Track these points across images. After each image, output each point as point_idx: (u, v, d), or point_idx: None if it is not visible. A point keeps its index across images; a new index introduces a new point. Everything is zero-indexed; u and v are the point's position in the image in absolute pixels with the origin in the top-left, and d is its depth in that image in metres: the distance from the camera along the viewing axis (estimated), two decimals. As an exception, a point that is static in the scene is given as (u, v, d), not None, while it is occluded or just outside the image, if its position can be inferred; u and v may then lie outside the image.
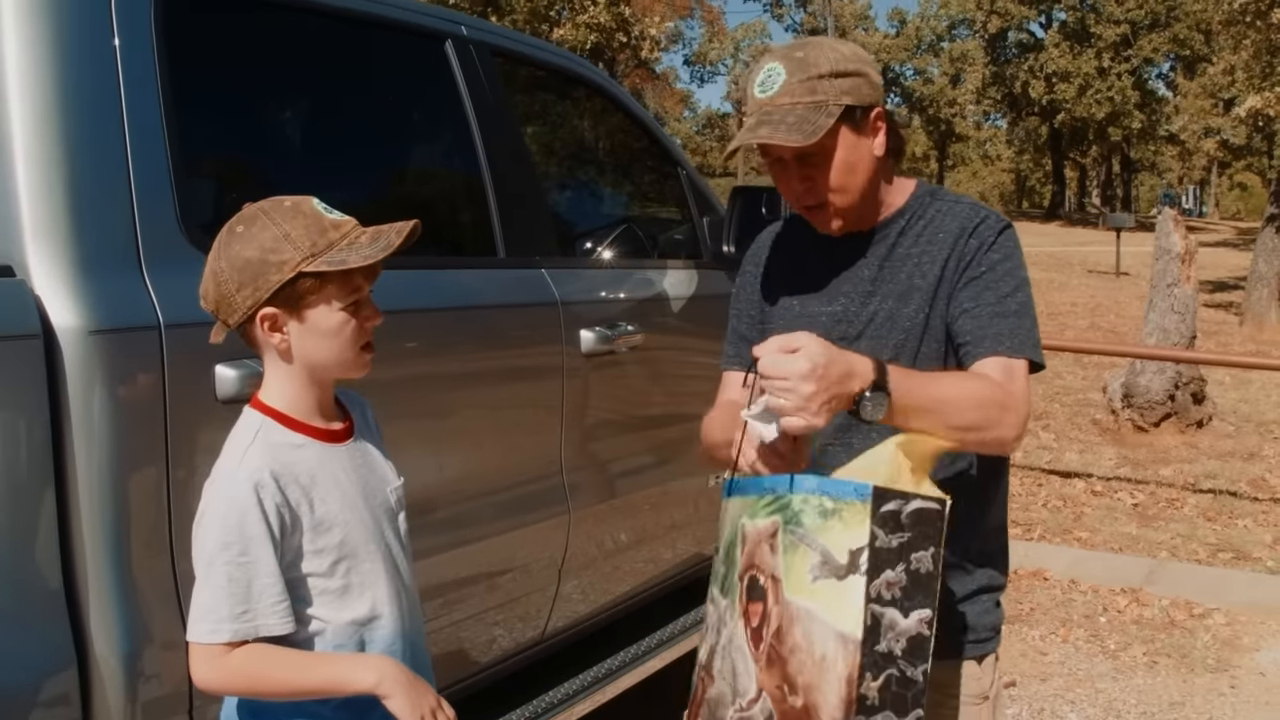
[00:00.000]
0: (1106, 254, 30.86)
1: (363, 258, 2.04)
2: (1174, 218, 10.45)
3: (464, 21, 3.78)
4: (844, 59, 2.29)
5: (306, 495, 2.08)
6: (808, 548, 1.92)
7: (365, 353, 2.15)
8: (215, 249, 2.06)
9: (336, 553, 2.11)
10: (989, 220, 2.37)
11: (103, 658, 2.37)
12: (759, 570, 1.99)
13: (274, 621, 2.02)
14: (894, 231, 2.41)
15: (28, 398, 2.26)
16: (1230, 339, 17.87)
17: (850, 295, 2.40)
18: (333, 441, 2.18)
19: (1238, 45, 27.84)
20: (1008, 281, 2.32)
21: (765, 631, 1.96)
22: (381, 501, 2.23)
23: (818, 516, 1.93)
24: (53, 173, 2.40)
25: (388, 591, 2.18)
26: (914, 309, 2.34)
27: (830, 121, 2.23)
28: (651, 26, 22.99)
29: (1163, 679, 5.33)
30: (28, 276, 2.33)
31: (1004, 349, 2.25)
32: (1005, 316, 2.28)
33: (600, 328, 3.85)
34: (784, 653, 1.92)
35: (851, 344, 2.29)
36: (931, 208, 2.42)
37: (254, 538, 2.00)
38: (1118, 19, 58.52)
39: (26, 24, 2.44)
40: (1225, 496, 8.44)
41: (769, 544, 1.98)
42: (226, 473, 2.06)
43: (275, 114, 3.31)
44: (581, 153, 5.46)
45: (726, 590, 2.07)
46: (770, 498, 2.01)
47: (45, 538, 2.31)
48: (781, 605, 1.93)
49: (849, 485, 1.93)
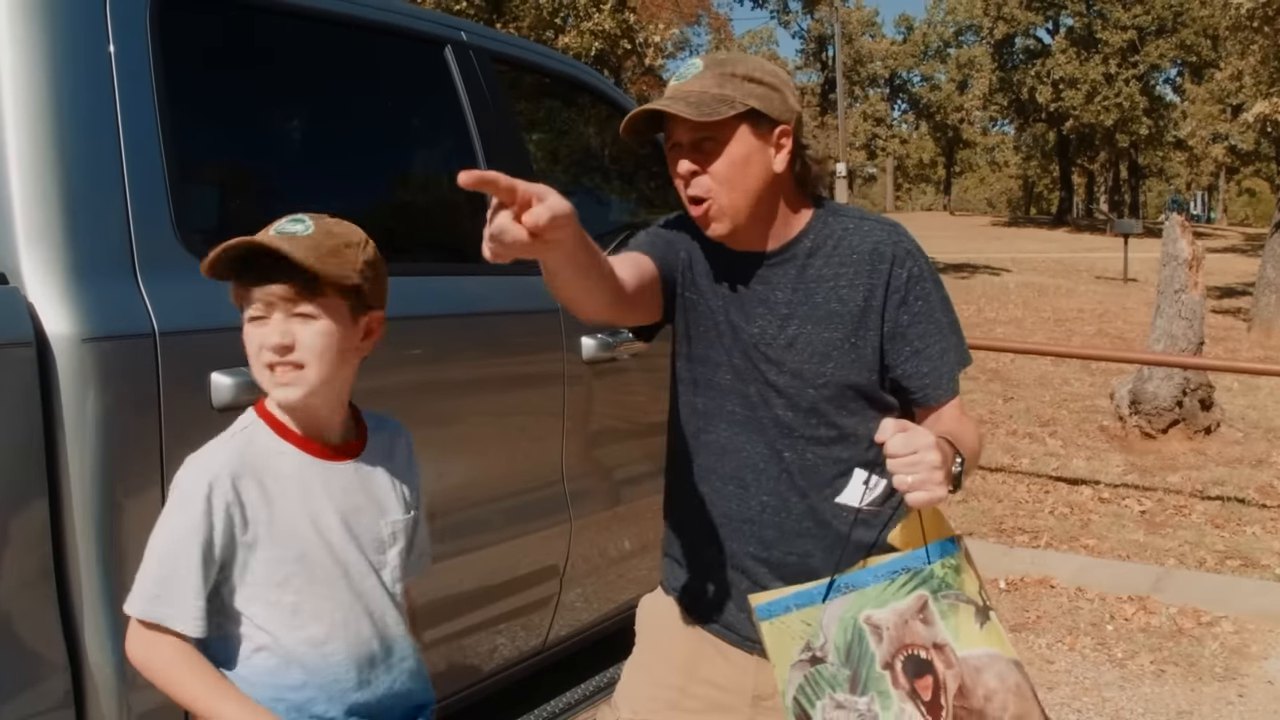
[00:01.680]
0: (1114, 260, 30.83)
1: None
2: (1181, 223, 10.41)
3: (464, 27, 3.77)
4: (764, 70, 2.35)
5: (268, 502, 2.05)
6: (964, 604, 2.11)
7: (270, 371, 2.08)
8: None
9: (291, 567, 2.07)
10: (904, 244, 2.41)
11: (96, 665, 2.36)
12: (914, 648, 2.10)
13: (180, 617, 1.99)
14: (801, 252, 2.42)
15: (21, 406, 2.25)
16: (1238, 345, 17.81)
17: (766, 317, 2.42)
18: (322, 457, 2.14)
19: (1245, 50, 27.81)
20: (941, 308, 2.43)
21: (943, 698, 2.07)
22: (365, 529, 2.18)
23: (955, 574, 2.13)
24: (47, 179, 2.39)
25: (344, 619, 2.13)
26: (839, 336, 2.38)
27: (730, 112, 2.25)
28: (656, 33, 23.00)
29: (1170, 687, 5.29)
30: (21, 283, 2.32)
31: (956, 387, 2.43)
32: (950, 350, 2.42)
33: (601, 334, 3.83)
34: (977, 704, 2.06)
35: (778, 368, 2.39)
36: (835, 225, 2.44)
37: (190, 527, 1.99)
38: (1125, 25, 58.45)
39: (21, 29, 2.43)
40: (1233, 503, 8.40)
41: (919, 619, 2.10)
42: (192, 461, 2.05)
43: (272, 120, 3.29)
44: (583, 159, 5.44)
45: (864, 687, 2.10)
46: (903, 578, 2.13)
47: (38, 546, 2.30)
48: (958, 666, 2.08)
49: (950, 542, 2.16)
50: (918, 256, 2.40)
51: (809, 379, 2.36)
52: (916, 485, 1.99)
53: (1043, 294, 24.89)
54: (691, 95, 2.28)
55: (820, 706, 2.12)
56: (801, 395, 2.38)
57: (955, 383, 2.42)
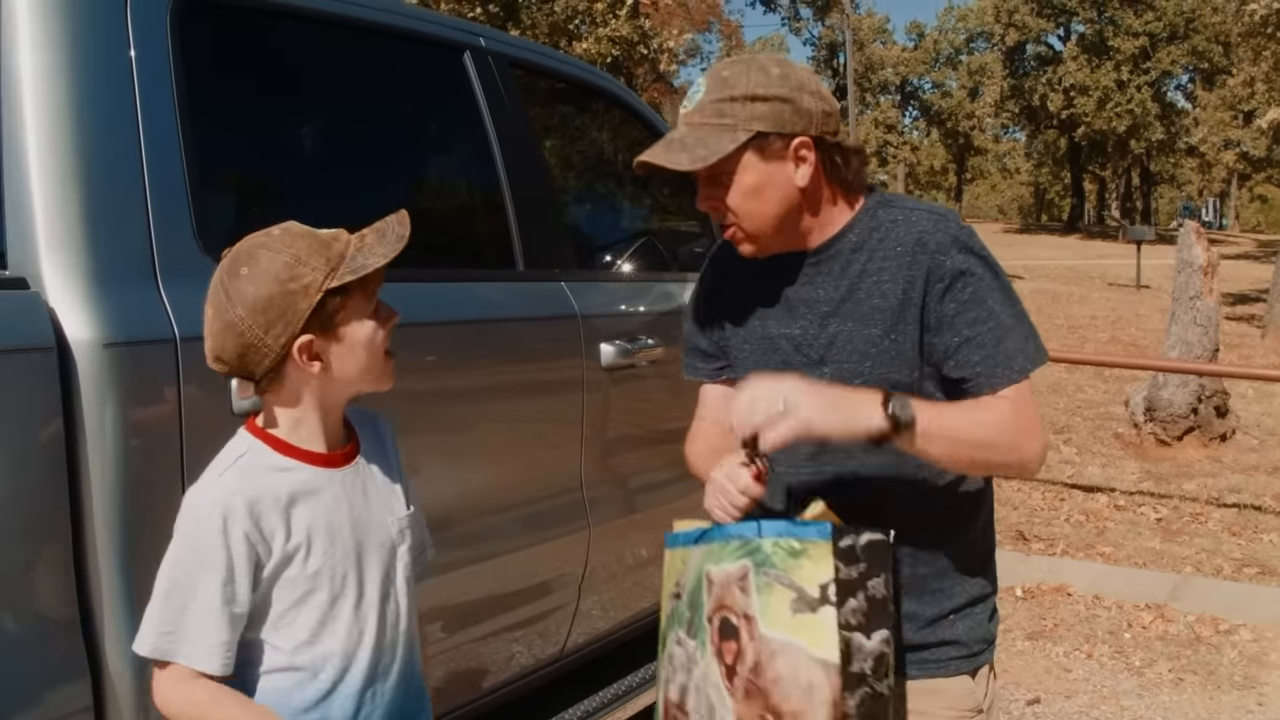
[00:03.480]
0: (1126, 267, 30.81)
1: (381, 257, 2.00)
2: (1196, 229, 10.39)
3: (482, 33, 3.76)
4: (768, 83, 2.22)
5: (284, 521, 2.01)
6: (782, 586, 2.08)
7: (389, 359, 2.11)
8: (219, 304, 1.97)
9: (310, 583, 2.04)
10: (951, 230, 2.27)
11: (116, 672, 2.34)
12: (729, 610, 2.14)
13: (202, 655, 1.96)
14: (846, 248, 2.33)
15: (41, 411, 2.24)
16: (1253, 351, 17.78)
17: (809, 317, 2.36)
18: (329, 465, 2.11)
19: (1257, 57, 27.79)
20: (997, 294, 2.26)
21: (740, 667, 2.10)
22: (376, 533, 2.16)
23: (789, 556, 2.09)
24: (68, 184, 2.38)
25: (364, 627, 2.11)
26: (879, 332, 2.28)
27: (731, 146, 2.19)
28: (670, 39, 22.99)
29: (1189, 696, 5.27)
30: (42, 289, 2.31)
31: (1015, 373, 2.23)
32: (1007, 338, 2.23)
33: (620, 341, 3.81)
34: (764, 685, 2.06)
35: (815, 369, 2.31)
36: (884, 217, 2.33)
37: (205, 564, 1.95)
38: (1136, 31, 58.41)
39: (42, 35, 2.42)
40: (1250, 511, 8.37)
41: (739, 586, 2.13)
42: (198, 493, 2.01)
43: (292, 125, 3.29)
44: (601, 165, 5.43)
45: (695, 632, 2.20)
46: (737, 543, 2.15)
47: (58, 551, 2.29)
48: (758, 641, 2.08)
49: (811, 526, 2.10)
50: (966, 243, 2.25)
51: (848, 378, 2.27)
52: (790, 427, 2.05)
53: (1055, 301, 24.87)
54: (690, 133, 2.23)
55: (670, 639, 2.28)
56: None
57: (1012, 370, 2.22)
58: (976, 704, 2.42)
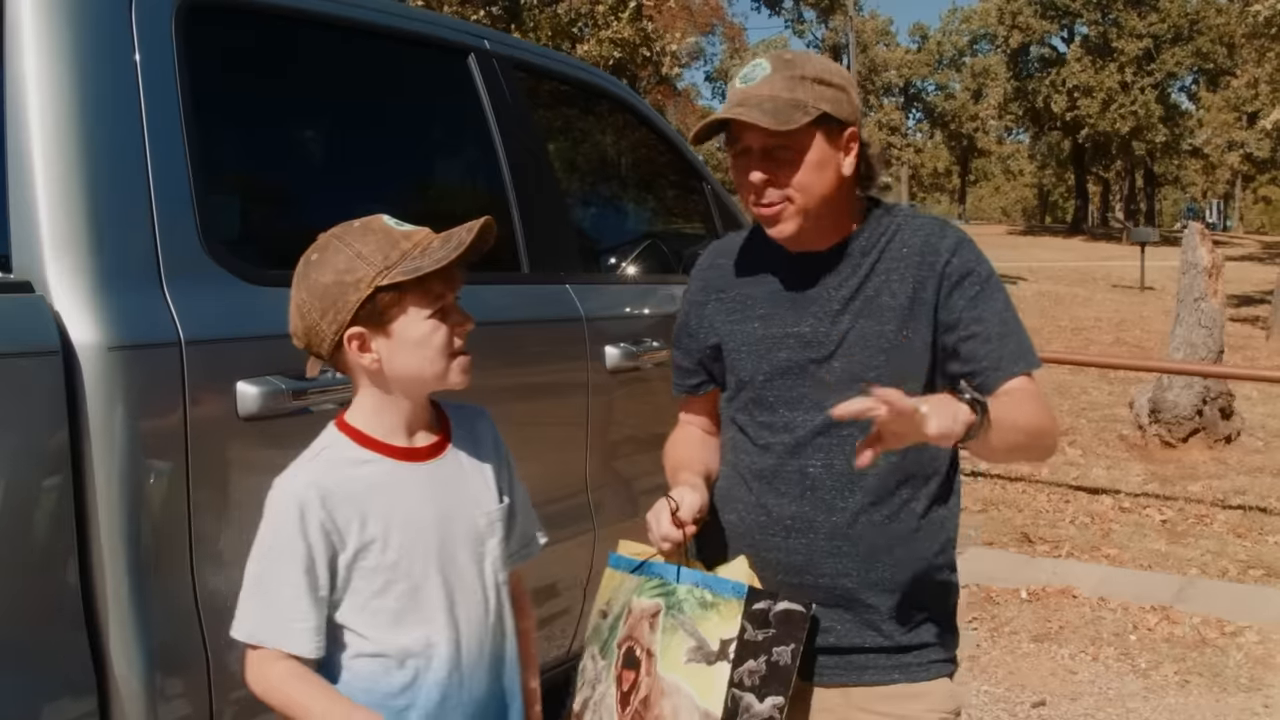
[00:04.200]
0: (1130, 269, 30.76)
1: (435, 261, 2.04)
2: (1200, 231, 10.38)
3: (487, 35, 3.76)
4: (830, 70, 2.31)
5: (360, 514, 2.06)
6: (685, 633, 2.18)
7: (458, 361, 2.14)
8: (295, 283, 2.07)
9: (389, 574, 2.08)
10: (952, 235, 2.39)
11: (122, 679, 2.34)
12: (636, 643, 2.24)
13: (294, 639, 2.01)
14: (856, 250, 2.39)
15: (46, 415, 2.24)
16: (1257, 353, 17.75)
17: (818, 315, 2.38)
18: (411, 459, 2.15)
19: (1261, 58, 27.81)
20: (999, 298, 2.36)
21: (634, 698, 2.21)
22: (462, 524, 2.18)
23: (698, 607, 2.19)
24: (73, 188, 2.38)
25: (447, 618, 2.13)
26: (891, 329, 2.33)
27: (805, 119, 2.23)
28: (673, 42, 22.97)
29: (1195, 698, 5.26)
30: (47, 292, 2.31)
31: (1021, 368, 2.31)
32: (1010, 335, 2.32)
33: (625, 344, 3.81)
34: (648, 718, 2.17)
35: (823, 365, 2.35)
36: (889, 222, 2.42)
37: (288, 552, 2.01)
38: (1140, 33, 58.36)
39: (47, 38, 2.42)
40: (1255, 512, 8.35)
41: (649, 622, 2.24)
42: (279, 484, 2.07)
43: (297, 128, 3.28)
44: (605, 167, 5.43)
45: (606, 652, 2.32)
46: (657, 582, 2.28)
47: (64, 557, 2.28)
48: (653, 678, 2.18)
49: (728, 583, 2.19)
50: (969, 248, 2.37)
51: (859, 373, 2.30)
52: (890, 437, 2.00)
53: (1059, 303, 24.84)
54: (765, 102, 2.24)
55: (587, 652, 2.39)
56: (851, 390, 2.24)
57: (1020, 363, 2.31)
58: (957, 705, 2.46)
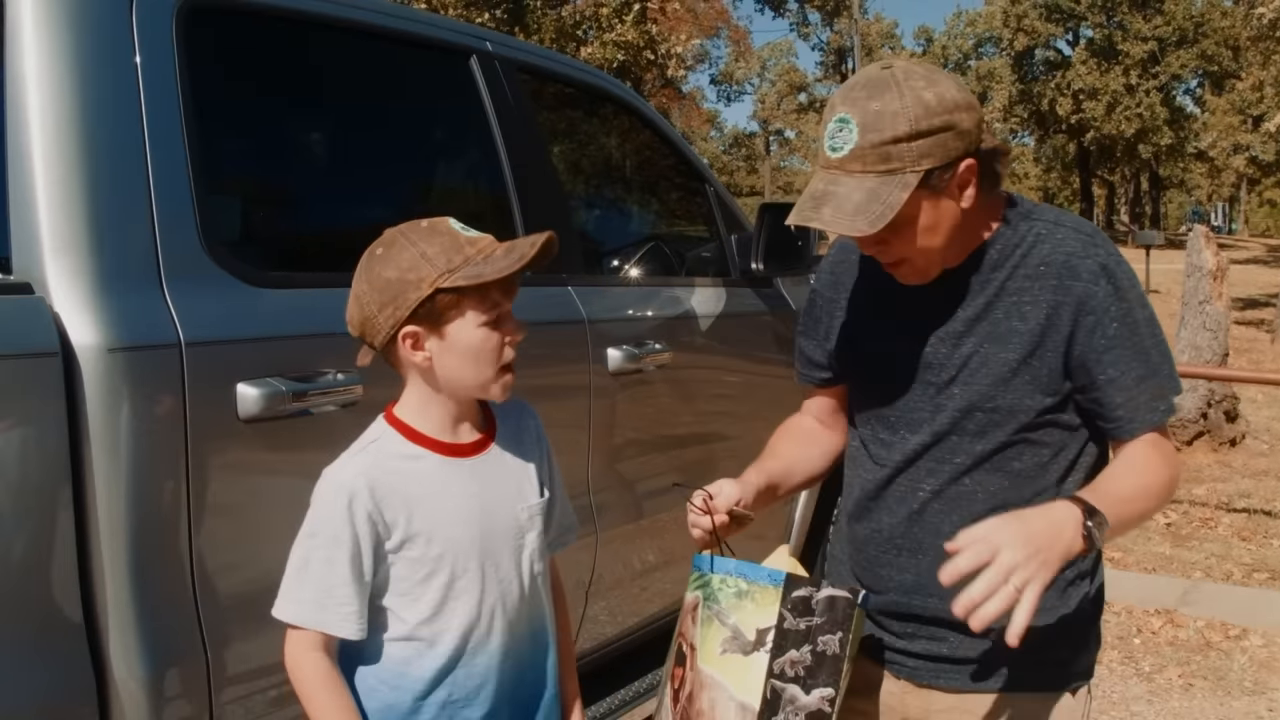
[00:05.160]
0: (1136, 272, 30.72)
1: (497, 270, 2.07)
2: (1205, 234, 10.37)
3: (489, 37, 3.76)
4: (928, 113, 2.02)
5: (406, 506, 2.10)
6: (720, 623, 2.14)
7: (504, 373, 2.16)
8: (357, 274, 2.11)
9: (432, 565, 2.12)
10: (1100, 255, 2.19)
11: (122, 681, 2.33)
12: (684, 638, 2.22)
13: (337, 622, 2.06)
14: (986, 264, 2.22)
15: (46, 416, 2.23)
16: (1262, 356, 17.73)
17: (941, 337, 2.24)
18: (457, 455, 2.19)
19: (1266, 61, 27.80)
20: (1143, 329, 2.20)
21: (681, 694, 2.19)
22: (504, 518, 2.22)
23: (733, 596, 2.15)
24: (73, 189, 2.37)
25: (488, 611, 2.17)
26: (1016, 356, 2.18)
27: (905, 195, 2.02)
28: (678, 45, 22.99)
29: (1199, 702, 5.25)
30: (46, 293, 2.31)
31: (1158, 416, 2.20)
32: (1150, 377, 2.18)
33: (628, 346, 3.80)
34: (692, 715, 2.15)
35: (943, 391, 2.24)
36: (1026, 231, 2.22)
37: (334, 539, 2.05)
38: (1145, 36, 58.29)
39: (48, 39, 2.42)
40: (1260, 515, 8.34)
41: (692, 616, 2.20)
42: (328, 473, 2.12)
43: (297, 130, 3.28)
44: (608, 169, 5.43)
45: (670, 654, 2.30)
46: (696, 575, 2.22)
47: (63, 559, 2.28)
48: (695, 672, 2.16)
49: (764, 571, 2.14)
50: (1117, 272, 2.19)
51: (979, 401, 2.20)
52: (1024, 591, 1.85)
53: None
54: (854, 189, 2.04)
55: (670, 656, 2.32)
56: (969, 419, 2.21)
57: (1156, 412, 2.19)
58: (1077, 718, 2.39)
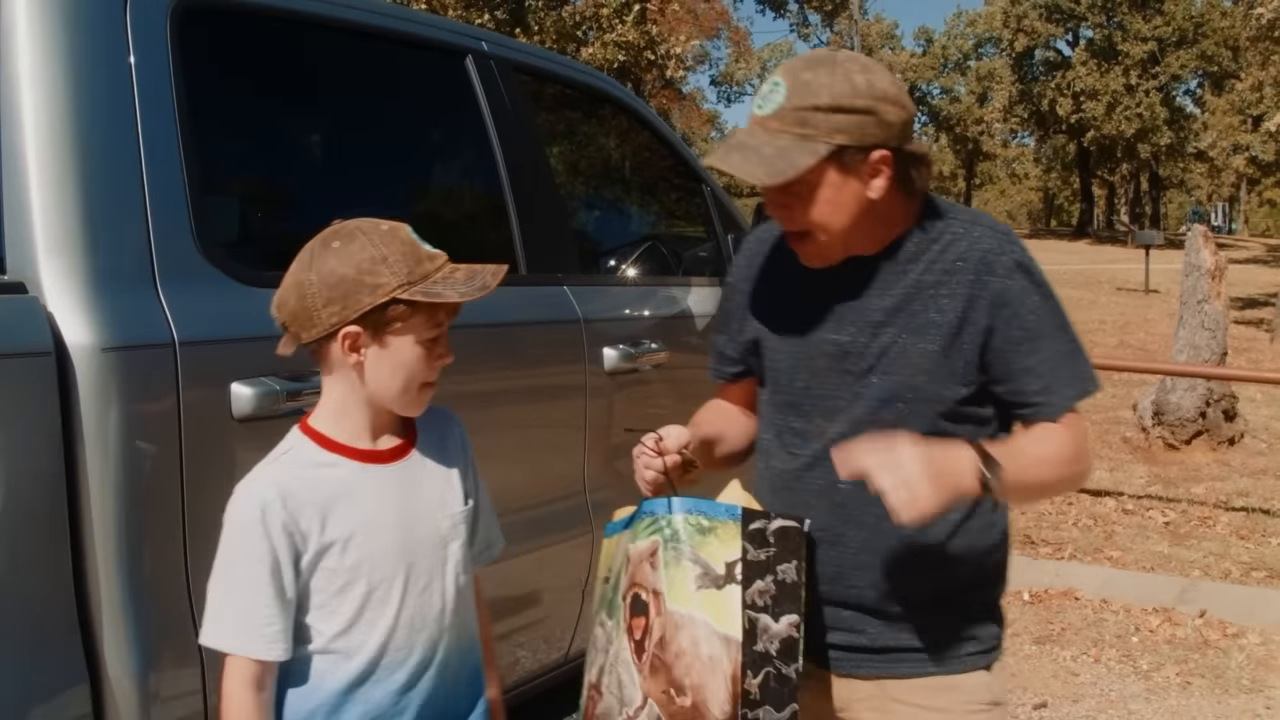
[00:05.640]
0: (1135, 271, 30.72)
1: (459, 294, 2.03)
2: (1204, 234, 10.37)
3: (485, 37, 3.76)
4: (853, 92, 2.11)
5: (322, 515, 2.03)
6: (689, 561, 2.12)
7: (426, 389, 2.12)
8: (303, 261, 2.02)
9: (348, 575, 2.05)
10: (1013, 253, 2.26)
11: (116, 679, 2.34)
12: (641, 587, 2.17)
13: (264, 645, 1.98)
14: (902, 256, 2.27)
15: (40, 416, 2.24)
16: (1261, 355, 17.72)
17: (859, 325, 2.27)
18: (376, 461, 2.12)
19: (1266, 61, 27.81)
20: (1054, 321, 2.28)
21: (648, 642, 2.14)
22: (426, 526, 2.16)
23: (697, 533, 2.14)
24: (67, 189, 2.38)
25: (406, 623, 2.11)
26: (935, 348, 2.23)
27: (812, 160, 2.10)
28: (677, 45, 22.98)
29: (1197, 700, 5.25)
30: (40, 293, 2.31)
31: (1069, 403, 2.27)
32: (1062, 367, 2.26)
33: (624, 345, 3.81)
34: (668, 659, 2.10)
35: (860, 379, 2.27)
36: (944, 228, 2.28)
37: (253, 556, 1.97)
38: (1145, 36, 58.30)
39: (42, 40, 2.43)
40: (1258, 514, 8.34)
41: (649, 562, 2.17)
42: (240, 489, 2.04)
43: (292, 130, 3.28)
44: (605, 169, 5.43)
45: (613, 612, 2.24)
46: (649, 520, 2.19)
47: (58, 557, 2.29)
48: (664, 616, 2.11)
49: (721, 506, 2.15)
50: (1031, 268, 2.26)
51: (897, 391, 2.23)
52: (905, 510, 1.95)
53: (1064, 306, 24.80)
54: (766, 143, 2.13)
55: (595, 621, 2.32)
56: (888, 408, 2.24)
57: (1069, 399, 2.25)
58: (993, 697, 2.42)
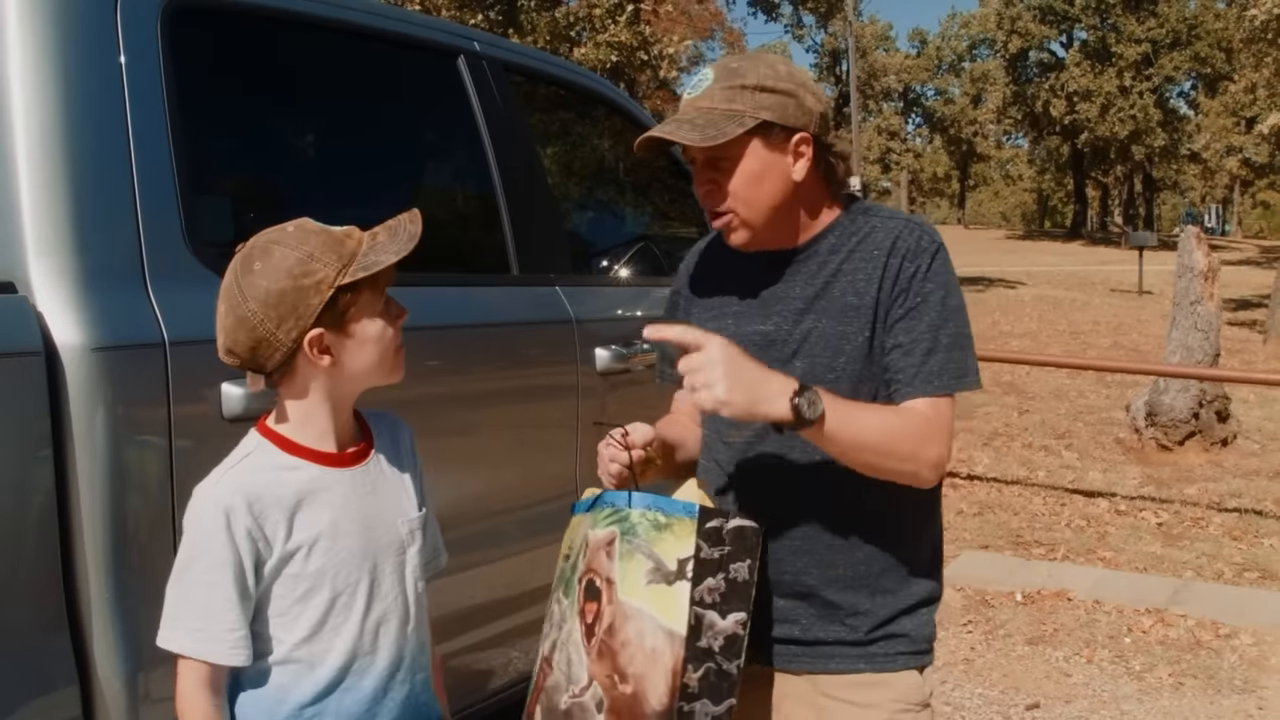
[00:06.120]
0: (1129, 273, 30.78)
1: (394, 253, 2.01)
2: (1197, 235, 10.38)
3: (477, 37, 3.76)
4: (776, 76, 2.29)
5: (287, 519, 2.01)
6: (643, 556, 2.16)
7: (399, 354, 2.11)
8: (232, 298, 1.96)
9: (312, 580, 2.04)
10: (923, 242, 2.33)
11: (105, 679, 2.34)
12: (596, 574, 2.22)
13: (225, 651, 1.97)
14: (824, 248, 2.38)
15: (29, 416, 2.24)
16: (1254, 357, 17.74)
17: (783, 314, 2.38)
18: (338, 465, 2.10)
19: (1259, 63, 27.84)
20: (939, 313, 2.31)
21: (598, 628, 2.18)
22: (386, 531, 2.15)
23: (652, 529, 2.18)
24: (57, 189, 2.38)
25: (371, 629, 2.10)
26: (855, 329, 2.32)
27: (739, 130, 2.23)
28: (670, 46, 22.99)
29: (1189, 700, 5.25)
30: (30, 293, 2.31)
31: (933, 388, 2.28)
32: (937, 352, 2.29)
33: (616, 346, 3.81)
34: (615, 646, 2.15)
35: (786, 365, 2.31)
36: (864, 223, 2.39)
37: (216, 561, 1.95)
38: (1139, 38, 58.40)
39: (31, 40, 2.42)
40: (1251, 515, 8.35)
41: (606, 551, 2.21)
42: (201, 491, 2.01)
43: (283, 130, 3.28)
44: (598, 170, 5.43)
45: (569, 592, 2.29)
46: (609, 510, 2.24)
47: (47, 557, 2.28)
48: (615, 605, 2.16)
49: (679, 504, 2.19)
50: (936, 259, 2.32)
51: (820, 374, 2.29)
52: (704, 396, 2.02)
53: (1058, 307, 24.85)
54: (699, 115, 2.26)
55: (553, 597, 2.36)
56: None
57: (931, 385, 2.27)
58: (923, 698, 2.45)
